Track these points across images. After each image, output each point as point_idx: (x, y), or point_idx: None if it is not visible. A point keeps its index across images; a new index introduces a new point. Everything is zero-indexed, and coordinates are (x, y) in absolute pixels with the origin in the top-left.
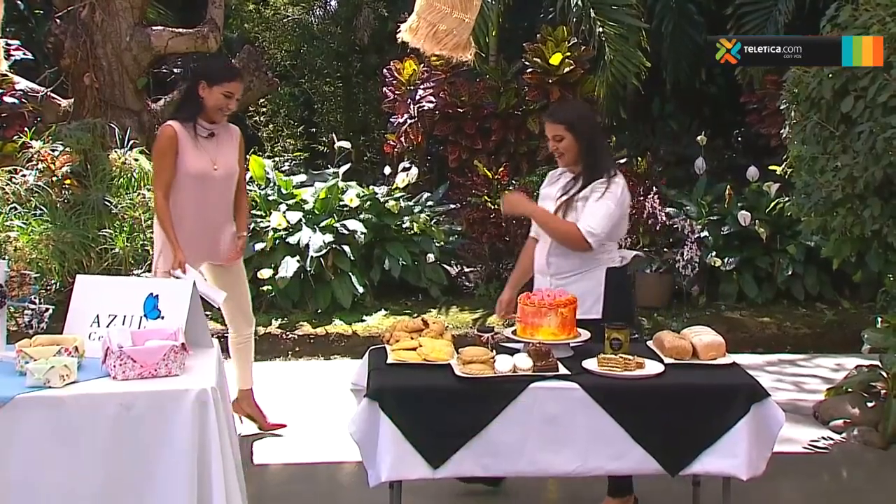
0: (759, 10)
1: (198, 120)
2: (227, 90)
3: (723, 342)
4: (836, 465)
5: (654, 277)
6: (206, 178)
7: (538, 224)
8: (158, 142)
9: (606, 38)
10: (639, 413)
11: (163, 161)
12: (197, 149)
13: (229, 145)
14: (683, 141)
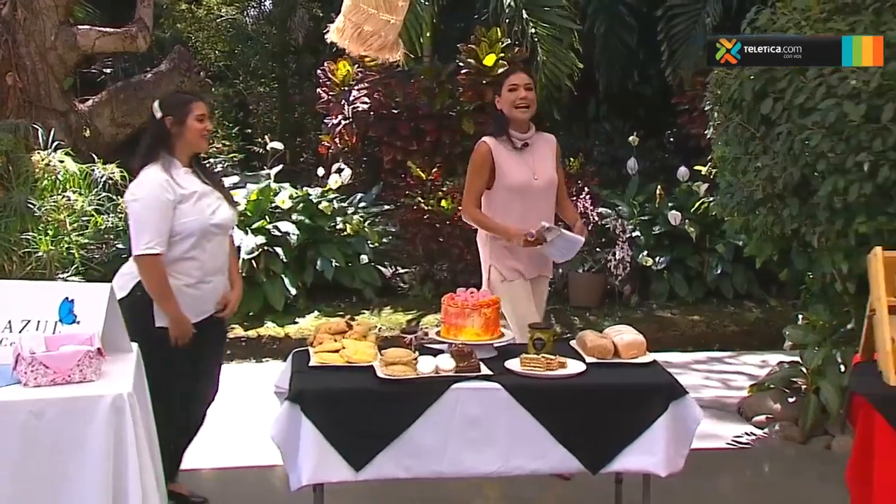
0: (687, 13)
1: None
2: None
3: (643, 341)
4: (758, 460)
5: (587, 277)
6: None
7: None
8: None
9: (539, 39)
10: (560, 412)
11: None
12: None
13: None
14: (617, 142)
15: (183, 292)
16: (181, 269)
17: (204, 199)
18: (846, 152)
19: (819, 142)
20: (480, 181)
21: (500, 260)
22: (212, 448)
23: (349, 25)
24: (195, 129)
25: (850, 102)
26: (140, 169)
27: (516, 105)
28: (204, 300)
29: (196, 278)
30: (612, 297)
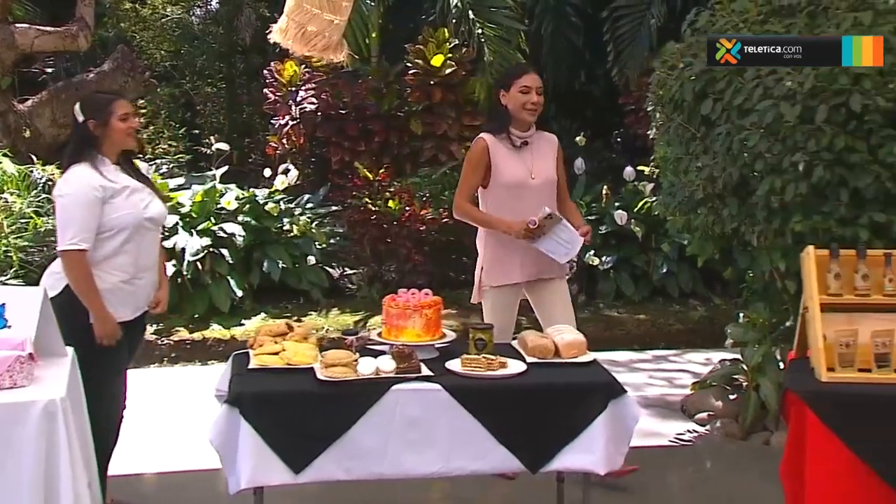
0: (632, 14)
1: None
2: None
3: (584, 340)
4: (699, 457)
5: None
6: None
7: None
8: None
9: (486, 39)
10: (500, 413)
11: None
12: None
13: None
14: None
15: (119, 288)
16: (115, 265)
17: (136, 194)
18: (782, 152)
19: (756, 142)
20: (475, 177)
21: (491, 263)
22: (153, 453)
23: (292, 25)
24: (119, 128)
25: (786, 103)
26: (68, 167)
27: (526, 108)
28: (138, 296)
29: (130, 274)
30: None
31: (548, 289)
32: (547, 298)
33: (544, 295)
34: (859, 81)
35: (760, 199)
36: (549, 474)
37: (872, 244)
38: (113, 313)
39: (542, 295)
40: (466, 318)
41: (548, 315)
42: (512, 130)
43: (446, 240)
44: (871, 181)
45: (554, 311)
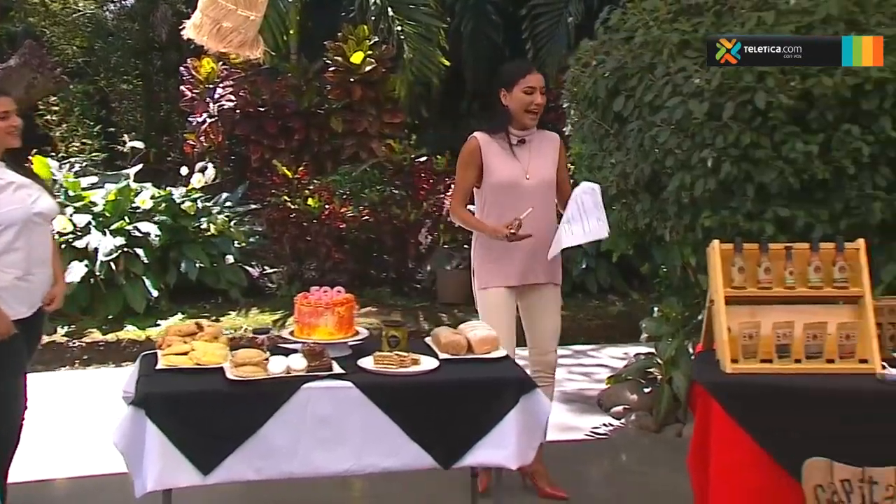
0: (551, 12)
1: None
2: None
3: (496, 336)
4: (614, 450)
5: (456, 274)
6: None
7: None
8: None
9: (405, 36)
10: (412, 409)
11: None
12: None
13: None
14: None
15: (14, 286)
16: (8, 262)
17: (23, 190)
18: (691, 149)
19: (667, 138)
20: (467, 178)
21: (483, 265)
22: (59, 458)
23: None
24: (0, 127)
25: (695, 100)
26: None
27: (529, 109)
28: (33, 293)
29: (24, 270)
30: None
31: (539, 294)
32: (536, 304)
33: (534, 300)
34: (763, 79)
35: (671, 194)
36: (463, 469)
37: (777, 238)
38: (9, 311)
39: (531, 300)
40: (387, 315)
41: (533, 322)
42: (510, 130)
43: (367, 237)
44: (776, 177)
45: (543, 318)
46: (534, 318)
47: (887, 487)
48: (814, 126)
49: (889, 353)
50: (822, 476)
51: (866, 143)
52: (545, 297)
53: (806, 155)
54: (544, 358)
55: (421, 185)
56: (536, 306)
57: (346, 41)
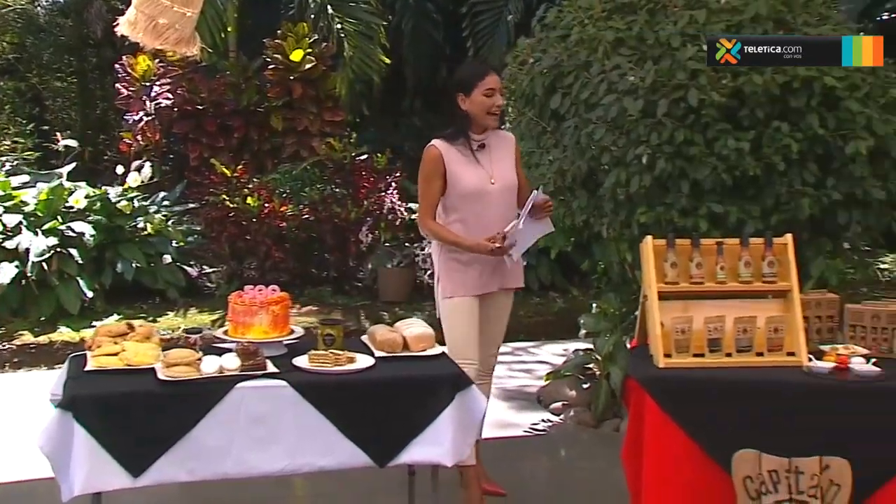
0: (491, 10)
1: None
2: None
3: (432, 334)
4: (553, 446)
5: (396, 272)
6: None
7: None
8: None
9: (346, 34)
10: (348, 407)
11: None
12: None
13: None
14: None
15: None
16: None
17: None
18: (627, 146)
19: (602, 136)
20: (432, 189)
21: (447, 273)
22: None
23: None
24: None
25: (629, 98)
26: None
27: (491, 111)
28: None
29: None
30: (422, 291)
31: (496, 300)
32: (492, 309)
33: (492, 306)
34: (696, 77)
35: (607, 191)
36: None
37: (711, 234)
38: None
39: (490, 306)
40: (328, 314)
41: (483, 326)
42: (470, 135)
43: (307, 236)
44: (709, 173)
45: (495, 323)
46: (486, 322)
47: (812, 476)
48: (745, 123)
49: (816, 346)
50: (750, 467)
51: (795, 141)
52: (502, 303)
53: (738, 152)
54: (488, 361)
55: (362, 183)
56: (491, 312)
57: (286, 39)
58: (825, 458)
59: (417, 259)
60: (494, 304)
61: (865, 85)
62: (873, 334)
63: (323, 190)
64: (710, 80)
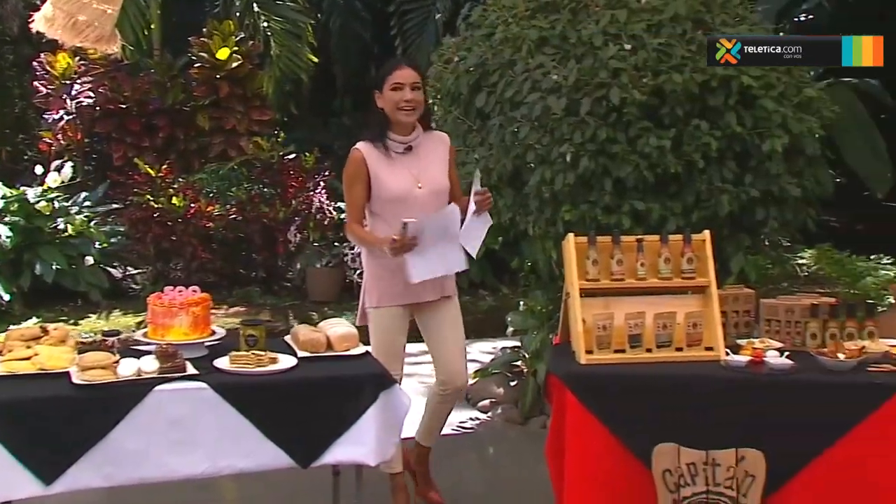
0: (419, 8)
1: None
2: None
3: (356, 333)
4: (481, 444)
5: (325, 272)
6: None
7: None
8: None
9: (272, 33)
10: (269, 409)
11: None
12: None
13: None
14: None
15: None
16: None
17: None
18: (551, 144)
19: (527, 134)
20: (355, 194)
21: (374, 281)
22: None
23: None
24: None
25: (553, 96)
26: None
27: (400, 107)
28: None
29: None
30: (351, 291)
31: (438, 310)
32: (434, 321)
33: (432, 317)
34: (618, 76)
35: (532, 189)
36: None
37: (634, 231)
38: None
39: (430, 317)
40: (256, 314)
41: (435, 338)
42: (392, 136)
43: (235, 236)
44: (632, 171)
45: (441, 333)
46: (433, 336)
47: (728, 468)
48: (666, 122)
49: (733, 341)
50: (669, 461)
51: (714, 139)
52: (446, 312)
53: (659, 150)
54: (455, 378)
55: (290, 182)
56: (433, 323)
57: (212, 37)
58: (741, 450)
59: (346, 259)
60: (436, 315)
61: (780, 84)
62: (787, 328)
63: (250, 190)
64: (632, 78)
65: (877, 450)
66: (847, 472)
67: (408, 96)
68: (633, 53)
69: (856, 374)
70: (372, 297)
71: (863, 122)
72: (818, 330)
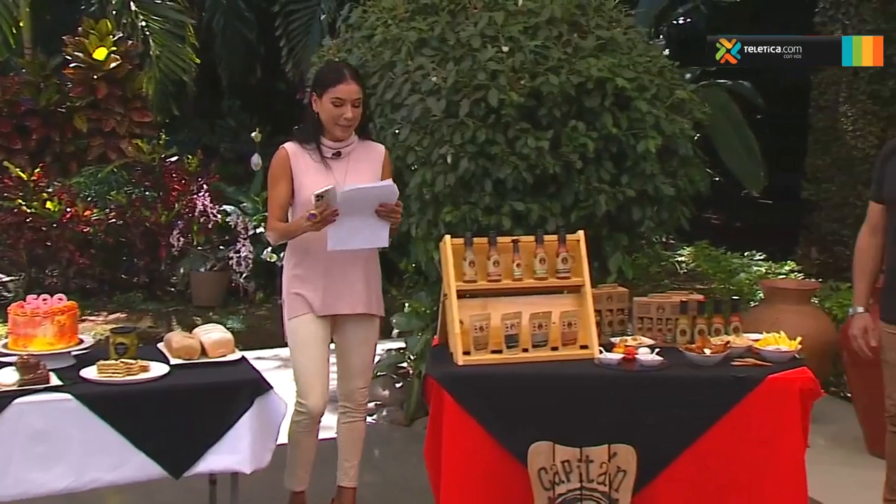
0: (304, 9)
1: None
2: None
3: (231, 339)
4: (366, 446)
5: (209, 276)
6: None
7: None
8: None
9: (151, 32)
10: (139, 418)
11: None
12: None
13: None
14: (244, 138)
15: None
16: None
17: None
18: (431, 146)
19: (407, 136)
20: (278, 192)
21: (289, 292)
22: None
23: None
24: None
25: (433, 98)
26: None
27: (338, 123)
28: None
29: None
30: (237, 295)
31: (355, 327)
32: (348, 337)
33: (347, 333)
34: (496, 77)
35: (413, 191)
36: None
37: (514, 232)
38: None
39: (345, 333)
40: (138, 321)
41: (342, 356)
42: (324, 141)
43: (115, 241)
44: (511, 172)
45: (352, 353)
46: (344, 352)
47: (601, 464)
48: (544, 123)
49: (607, 339)
50: (545, 459)
51: (591, 140)
52: (360, 330)
53: (538, 151)
54: (351, 395)
55: (173, 185)
56: (347, 340)
57: (88, 36)
58: (613, 446)
59: (231, 262)
60: (349, 332)
61: (653, 86)
62: (659, 325)
63: (131, 193)
64: (510, 80)
65: (738, 441)
66: (712, 464)
67: (348, 114)
68: (510, 55)
69: (720, 369)
70: (290, 308)
71: (737, 123)
72: (688, 326)
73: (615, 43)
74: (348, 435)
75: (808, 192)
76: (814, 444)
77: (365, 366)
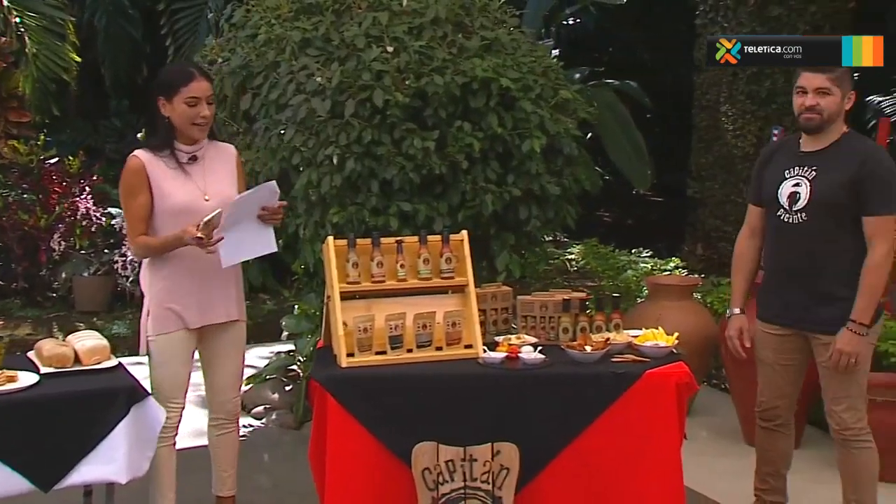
0: (190, 7)
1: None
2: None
3: (107, 345)
4: (254, 450)
5: (94, 280)
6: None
7: None
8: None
9: (27, 29)
10: (5, 431)
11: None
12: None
13: None
14: (129, 139)
15: None
16: None
17: None
18: (317, 146)
19: (293, 136)
20: (136, 205)
21: (156, 306)
22: None
23: None
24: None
25: (318, 98)
26: None
27: (195, 123)
28: None
29: None
30: (123, 299)
31: (222, 334)
32: (217, 345)
33: (215, 342)
34: (381, 78)
35: (299, 192)
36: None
37: (402, 232)
38: None
39: (213, 341)
40: (15, 329)
41: (211, 365)
42: (177, 146)
43: None
44: (397, 172)
45: (226, 362)
46: (213, 363)
47: (485, 463)
48: (429, 123)
49: (492, 338)
50: (429, 459)
51: (477, 140)
52: (231, 336)
53: (424, 151)
54: (225, 405)
55: (53, 187)
56: (217, 350)
57: None
58: (496, 444)
59: (117, 265)
60: (219, 340)
61: (538, 87)
62: (542, 323)
63: (7, 196)
64: (395, 80)
65: (618, 436)
66: (593, 459)
67: (205, 112)
68: (395, 56)
69: (600, 366)
70: (155, 324)
71: (625, 123)
72: (570, 324)
73: (499, 43)
74: (225, 447)
75: (693, 189)
76: (695, 435)
77: (236, 375)
